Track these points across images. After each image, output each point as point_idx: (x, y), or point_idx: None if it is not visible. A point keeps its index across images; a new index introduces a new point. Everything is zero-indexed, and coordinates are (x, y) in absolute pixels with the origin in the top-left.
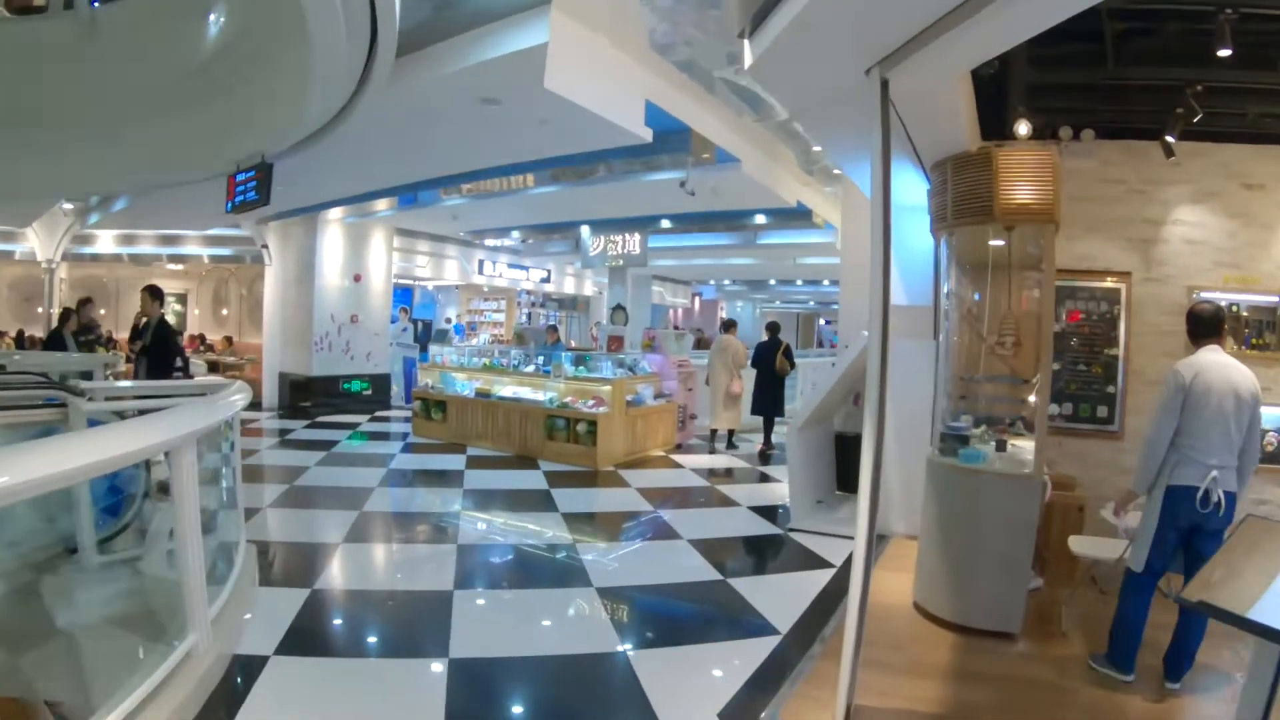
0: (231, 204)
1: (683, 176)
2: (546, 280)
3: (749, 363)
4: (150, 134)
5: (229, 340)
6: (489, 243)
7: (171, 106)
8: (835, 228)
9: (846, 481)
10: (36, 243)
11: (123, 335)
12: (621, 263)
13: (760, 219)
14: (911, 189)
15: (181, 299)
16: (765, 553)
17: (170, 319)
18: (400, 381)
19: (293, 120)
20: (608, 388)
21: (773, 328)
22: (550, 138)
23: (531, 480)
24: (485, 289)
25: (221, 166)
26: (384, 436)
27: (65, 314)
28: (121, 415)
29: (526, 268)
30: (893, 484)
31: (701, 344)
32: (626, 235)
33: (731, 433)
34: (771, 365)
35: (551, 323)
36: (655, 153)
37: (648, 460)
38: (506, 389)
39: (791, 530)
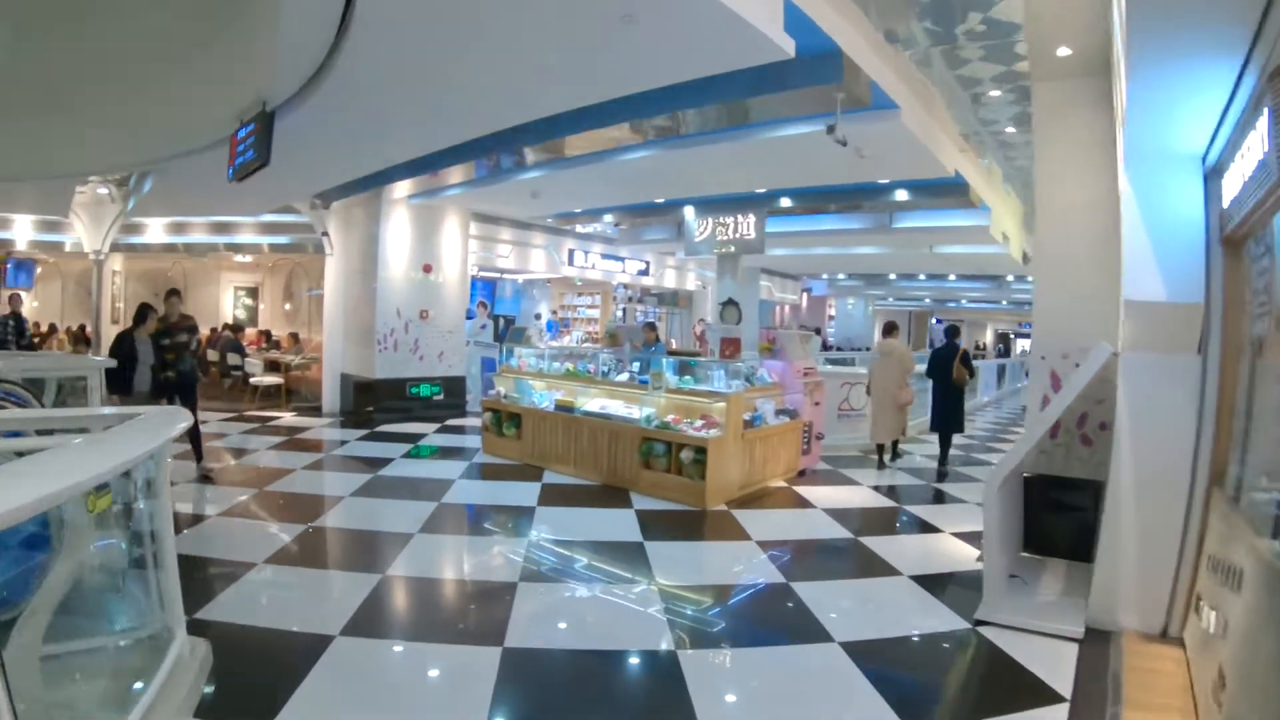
0: (232, 169)
1: (831, 120)
2: (644, 273)
3: (924, 371)
4: (151, 96)
5: (295, 337)
6: (580, 229)
7: (172, 58)
8: (989, 208)
9: (1036, 539)
10: (83, 232)
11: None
12: (733, 249)
13: (901, 195)
14: (1188, 125)
15: (252, 292)
16: (958, 668)
17: (241, 314)
18: (478, 384)
19: (292, 48)
20: (721, 404)
21: (951, 331)
22: (640, 51)
23: (620, 525)
24: (578, 282)
25: (227, 125)
26: (450, 453)
27: (141, 312)
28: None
29: (622, 259)
30: (1126, 557)
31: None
32: (739, 216)
33: (896, 443)
34: (949, 374)
35: (649, 320)
36: (792, 81)
37: (767, 495)
38: (593, 402)
39: (982, 624)
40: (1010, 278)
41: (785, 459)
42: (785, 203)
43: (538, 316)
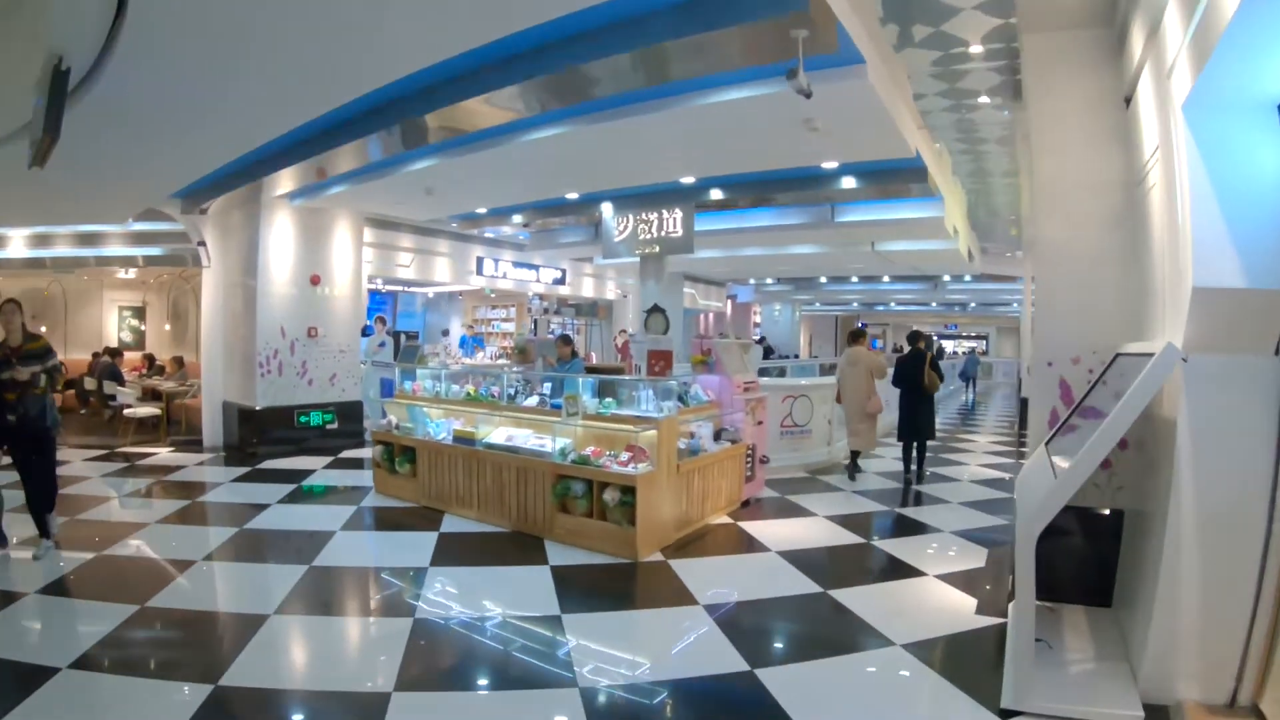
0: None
1: (793, 64)
2: (560, 281)
3: (891, 380)
4: None
5: (179, 361)
6: (488, 234)
7: None
8: (942, 198)
9: (1043, 581)
10: None
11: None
12: (658, 249)
13: (848, 182)
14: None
15: (139, 312)
16: None
17: (128, 336)
18: (377, 410)
19: None
20: (650, 432)
21: (915, 337)
22: None
23: (532, 589)
24: (489, 293)
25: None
26: (336, 494)
27: None
28: None
29: (536, 266)
30: (1189, 616)
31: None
32: (664, 212)
33: (855, 455)
34: (919, 381)
35: (564, 332)
36: (737, 10)
37: (709, 536)
38: (498, 432)
39: (1013, 715)
40: (946, 277)
41: (727, 490)
42: (716, 195)
43: (445, 333)
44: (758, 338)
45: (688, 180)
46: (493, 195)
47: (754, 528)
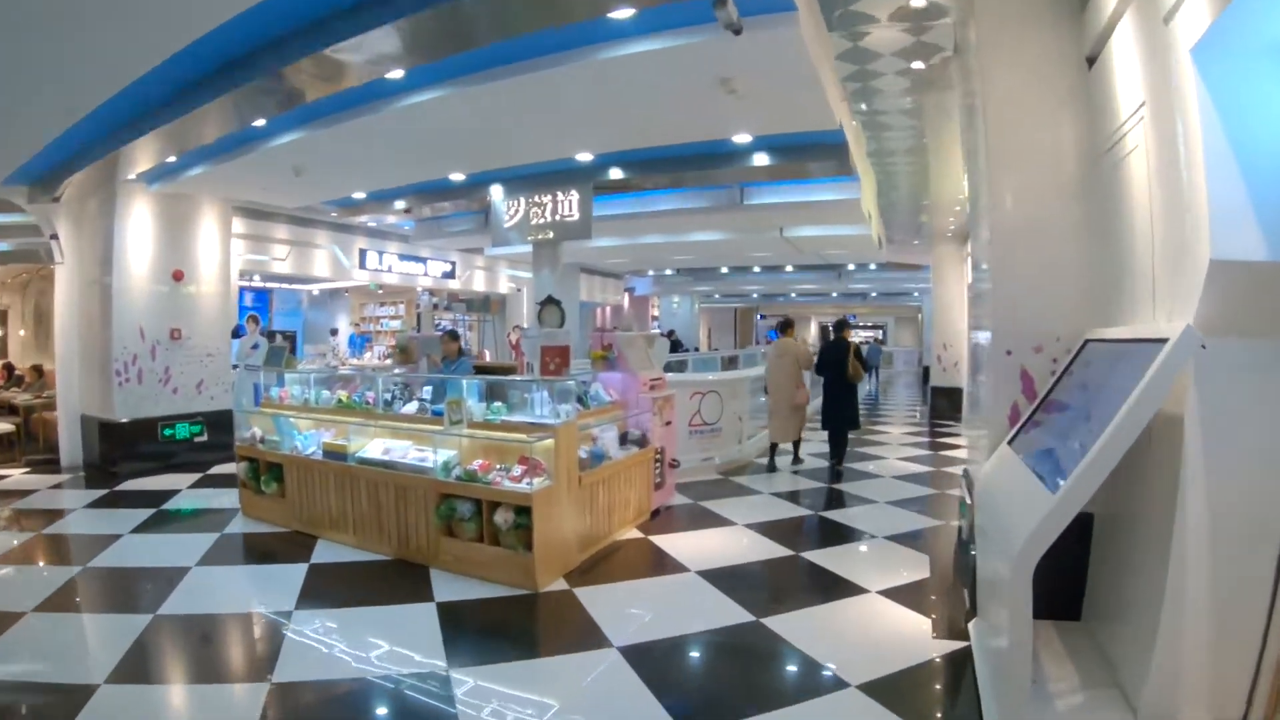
0: None
1: None
2: (450, 275)
3: (815, 369)
4: None
5: (38, 370)
6: (370, 223)
7: None
8: (859, 177)
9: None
10: None
11: None
12: (552, 235)
13: (761, 159)
14: None
15: (1, 317)
16: None
17: None
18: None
19: None
20: (547, 440)
21: (840, 325)
22: None
23: (414, 634)
24: (373, 288)
25: None
26: (200, 519)
27: None
28: None
29: (424, 259)
30: (1196, 633)
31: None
32: (559, 194)
33: (798, 445)
34: (843, 370)
35: (449, 328)
36: None
37: (618, 555)
38: (373, 445)
39: None
40: (851, 266)
41: (636, 500)
42: (616, 174)
43: (335, 332)
44: (666, 331)
45: (585, 158)
46: (369, 176)
47: (668, 542)
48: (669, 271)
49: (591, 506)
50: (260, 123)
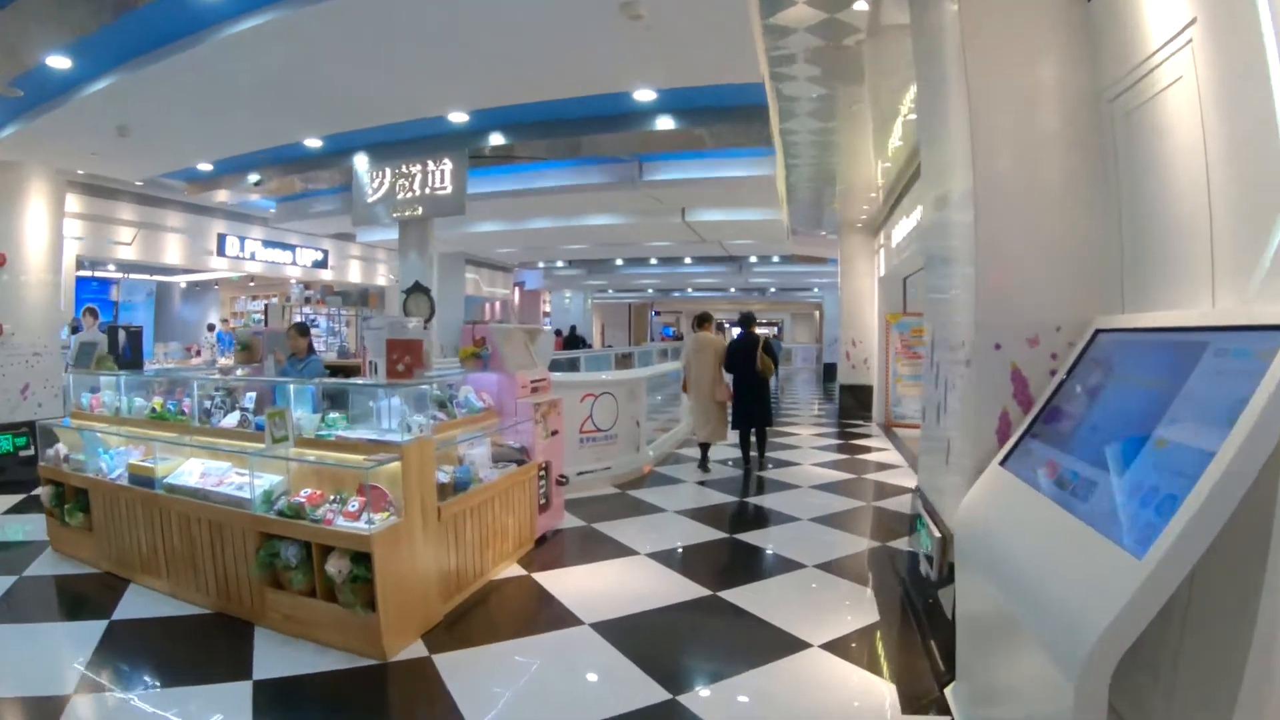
0: None
1: None
2: (322, 264)
3: (724, 366)
4: None
5: None
6: (229, 203)
7: None
8: (774, 151)
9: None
10: None
11: None
12: (420, 210)
13: (665, 123)
14: None
15: None
16: None
17: None
18: None
19: None
20: (392, 463)
21: (747, 320)
22: None
23: None
24: (238, 279)
25: None
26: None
27: None
28: None
29: (292, 247)
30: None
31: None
32: (430, 163)
33: (706, 448)
34: (752, 366)
35: (299, 320)
36: None
37: (493, 601)
38: (188, 466)
39: None
40: (753, 259)
41: (516, 529)
42: (496, 139)
43: (212, 328)
44: (568, 326)
45: (459, 119)
46: (208, 141)
47: (556, 581)
48: (560, 264)
49: (457, 543)
50: (63, 64)
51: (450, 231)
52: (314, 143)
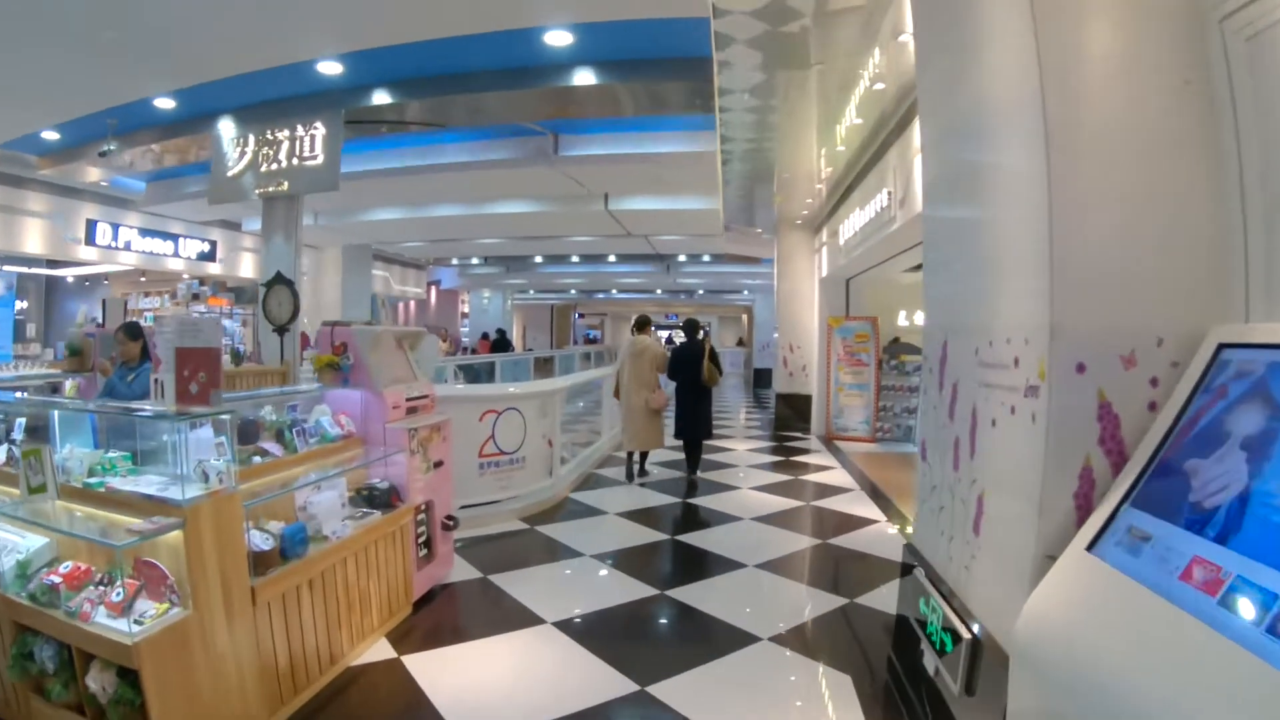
0: None
1: None
2: (209, 256)
3: (666, 373)
4: None
5: None
6: (100, 183)
7: None
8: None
9: None
10: None
11: None
12: (286, 185)
13: (584, 78)
14: None
15: None
16: None
17: None
18: None
19: None
20: (173, 531)
21: (692, 326)
22: None
23: None
24: (141, 277)
25: None
26: None
27: None
28: None
29: (175, 236)
30: None
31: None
32: (299, 128)
33: (645, 456)
34: (696, 374)
35: (131, 320)
36: None
37: (344, 703)
38: None
39: None
40: (682, 258)
41: (384, 594)
42: (380, 98)
43: (97, 325)
44: (496, 331)
45: (330, 70)
46: (45, 97)
47: (434, 669)
48: (476, 261)
49: (289, 629)
50: None
51: (344, 220)
52: (167, 103)
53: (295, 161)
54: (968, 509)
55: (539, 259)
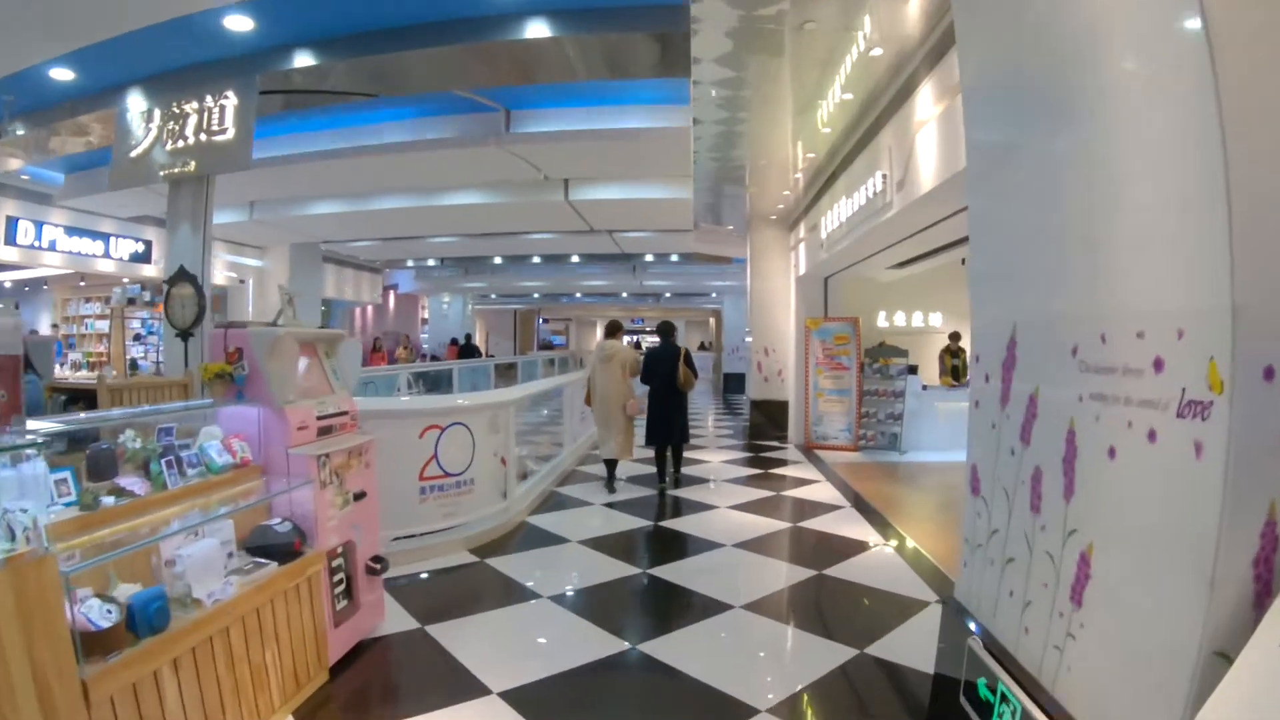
0: None
1: None
2: (144, 258)
3: (640, 377)
4: None
5: None
6: (17, 174)
7: None
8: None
9: None
10: None
11: None
12: (193, 166)
13: (539, 30)
14: None
15: None
16: None
17: None
18: None
19: None
20: None
21: (667, 329)
22: None
23: None
24: (80, 281)
25: None
26: None
27: None
28: None
29: (106, 236)
30: None
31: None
32: (208, 98)
33: (614, 465)
34: (672, 378)
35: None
36: None
37: None
38: None
39: None
40: (650, 257)
41: (285, 664)
42: (303, 61)
43: (33, 332)
44: (464, 336)
45: (240, 26)
46: None
47: None
48: (432, 262)
49: None
50: None
51: (282, 214)
52: (65, 74)
53: (204, 138)
54: (1060, 568)
55: (498, 260)
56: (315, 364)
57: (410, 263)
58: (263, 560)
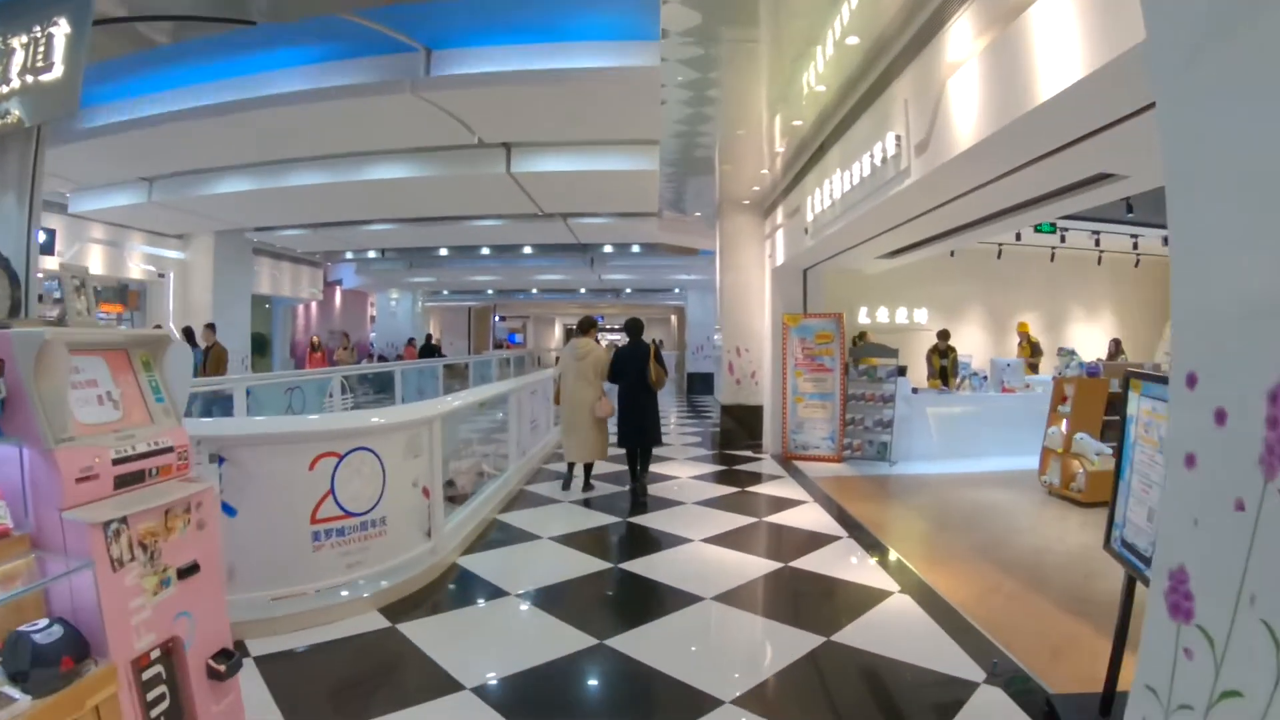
0: None
1: None
2: (47, 249)
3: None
4: None
5: None
6: None
7: None
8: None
9: None
10: None
11: None
12: (18, 114)
13: None
14: None
15: None
16: None
17: None
18: None
19: None
20: None
21: (636, 326)
22: None
23: None
24: None
25: None
26: None
27: None
28: None
29: None
30: None
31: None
32: (36, 28)
33: (589, 470)
34: (642, 376)
35: None
36: None
37: None
38: None
39: None
40: (609, 248)
41: None
42: None
43: None
44: (425, 337)
45: None
46: None
47: None
48: (373, 254)
49: None
50: None
51: (182, 193)
52: None
53: (29, 79)
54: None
55: (444, 251)
56: (128, 379)
57: (349, 254)
58: (7, 691)
